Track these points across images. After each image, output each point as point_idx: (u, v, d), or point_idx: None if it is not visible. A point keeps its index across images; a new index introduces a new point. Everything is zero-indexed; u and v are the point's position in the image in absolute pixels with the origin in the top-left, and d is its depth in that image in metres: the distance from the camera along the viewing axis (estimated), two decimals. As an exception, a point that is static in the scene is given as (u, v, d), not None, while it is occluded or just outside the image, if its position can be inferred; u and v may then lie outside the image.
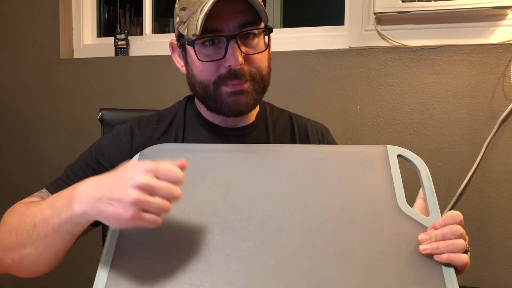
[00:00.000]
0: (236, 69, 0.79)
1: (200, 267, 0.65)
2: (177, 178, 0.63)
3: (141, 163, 0.64)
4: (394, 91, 1.50)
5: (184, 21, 0.81)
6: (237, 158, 0.79)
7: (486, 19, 1.41)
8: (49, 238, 0.69)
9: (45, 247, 0.70)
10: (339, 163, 0.78)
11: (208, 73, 0.82)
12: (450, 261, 0.65)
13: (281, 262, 0.65)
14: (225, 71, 0.80)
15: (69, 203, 0.66)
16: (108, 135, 0.94)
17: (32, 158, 2.09)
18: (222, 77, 0.81)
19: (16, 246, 0.72)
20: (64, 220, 0.67)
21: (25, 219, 0.72)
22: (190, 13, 0.80)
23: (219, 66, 0.81)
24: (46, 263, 0.73)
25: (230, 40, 0.78)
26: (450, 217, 0.67)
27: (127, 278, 0.65)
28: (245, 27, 0.80)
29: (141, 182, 0.61)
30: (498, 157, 1.39)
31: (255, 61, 0.82)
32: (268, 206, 0.72)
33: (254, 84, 0.83)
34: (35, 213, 0.71)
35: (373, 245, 0.67)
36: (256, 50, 0.82)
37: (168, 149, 0.81)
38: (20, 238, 0.71)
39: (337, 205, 0.72)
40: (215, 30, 0.79)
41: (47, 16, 2.01)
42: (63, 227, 0.68)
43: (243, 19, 0.79)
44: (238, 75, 0.80)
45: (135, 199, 0.61)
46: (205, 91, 0.84)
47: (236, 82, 0.81)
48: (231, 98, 0.82)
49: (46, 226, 0.69)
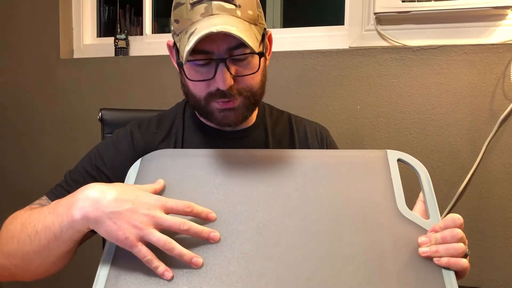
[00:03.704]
0: (225, 90, 0.79)
1: (199, 270, 0.65)
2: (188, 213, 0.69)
3: (154, 197, 0.69)
4: (394, 91, 1.50)
5: (177, 34, 0.80)
6: (237, 162, 0.79)
7: (486, 19, 1.41)
8: (52, 244, 0.69)
9: (48, 252, 0.70)
10: (339, 167, 0.78)
11: (198, 89, 0.82)
12: (449, 266, 0.64)
13: (280, 265, 0.65)
14: (214, 89, 0.80)
15: (69, 210, 0.67)
16: (107, 141, 0.93)
17: (32, 158, 2.09)
18: (212, 94, 0.81)
19: (18, 253, 0.72)
20: (65, 227, 0.67)
21: (27, 226, 0.72)
22: (181, 29, 0.78)
23: (209, 84, 0.80)
24: (50, 267, 0.73)
25: (220, 63, 0.77)
26: (451, 220, 0.67)
27: (126, 279, 0.65)
28: (236, 49, 0.77)
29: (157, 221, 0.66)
30: (498, 157, 1.39)
31: (245, 80, 0.81)
32: (267, 209, 0.72)
33: (244, 101, 0.82)
34: (37, 220, 0.71)
35: (373, 248, 0.67)
36: (247, 71, 0.80)
37: (169, 155, 0.81)
38: (23, 245, 0.71)
39: (336, 209, 0.72)
40: (205, 52, 0.77)
41: (47, 16, 2.01)
42: (65, 233, 0.68)
43: (234, 42, 0.76)
44: (227, 95, 0.80)
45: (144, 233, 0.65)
46: (197, 103, 0.84)
47: (225, 100, 0.81)
48: (220, 114, 0.82)
49: (48, 232, 0.69)
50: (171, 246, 0.65)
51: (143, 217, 0.65)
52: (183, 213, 0.68)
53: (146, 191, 0.70)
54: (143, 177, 0.76)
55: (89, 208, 0.65)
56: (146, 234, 0.65)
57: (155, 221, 0.65)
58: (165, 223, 0.66)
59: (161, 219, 0.66)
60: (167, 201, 0.68)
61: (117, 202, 0.65)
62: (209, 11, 0.76)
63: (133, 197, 0.66)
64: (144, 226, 0.64)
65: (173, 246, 0.65)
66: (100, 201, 0.65)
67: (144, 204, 0.66)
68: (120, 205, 0.65)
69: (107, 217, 0.65)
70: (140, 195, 0.67)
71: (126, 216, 0.65)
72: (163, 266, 0.65)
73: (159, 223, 0.65)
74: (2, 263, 0.74)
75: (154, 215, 0.65)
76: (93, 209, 0.65)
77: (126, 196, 0.66)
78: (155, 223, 0.65)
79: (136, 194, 0.67)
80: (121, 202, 0.65)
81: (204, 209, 0.70)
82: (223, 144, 0.88)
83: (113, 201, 0.65)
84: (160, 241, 0.65)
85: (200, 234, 0.67)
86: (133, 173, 0.79)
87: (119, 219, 0.64)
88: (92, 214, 0.65)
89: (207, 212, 0.70)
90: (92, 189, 0.67)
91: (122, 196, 0.66)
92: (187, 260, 0.65)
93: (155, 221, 0.65)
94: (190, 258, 0.65)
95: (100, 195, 0.66)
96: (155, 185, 0.74)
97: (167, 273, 0.64)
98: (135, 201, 0.66)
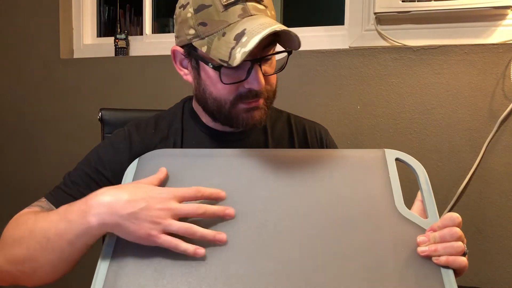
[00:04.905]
0: (258, 90, 0.81)
1: (199, 270, 0.65)
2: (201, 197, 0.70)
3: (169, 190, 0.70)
4: (394, 91, 1.50)
5: (202, 37, 0.78)
6: (237, 162, 0.79)
7: (486, 19, 1.41)
8: (65, 251, 0.70)
9: (60, 259, 0.71)
10: (337, 167, 0.78)
11: (227, 92, 0.82)
12: (448, 264, 0.65)
13: (280, 265, 0.65)
14: (245, 91, 0.81)
15: (84, 217, 0.67)
16: (106, 142, 0.93)
17: (32, 157, 2.09)
18: (242, 96, 0.82)
19: (27, 259, 0.71)
20: (80, 234, 0.68)
21: (36, 233, 0.71)
22: (212, 32, 0.77)
23: (238, 86, 0.81)
24: (59, 272, 0.73)
25: (255, 63, 0.79)
26: (449, 219, 0.67)
27: (125, 278, 0.65)
28: (267, 47, 0.80)
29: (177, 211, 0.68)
30: (498, 157, 1.39)
31: (271, 79, 0.85)
32: (267, 209, 0.72)
33: (267, 101, 0.85)
34: (47, 227, 0.71)
35: (372, 248, 0.67)
36: (273, 69, 0.85)
37: (167, 154, 0.81)
38: (33, 252, 0.71)
39: (335, 208, 0.72)
40: None
41: (47, 16, 2.01)
42: (80, 240, 0.69)
43: (266, 41, 0.76)
44: (258, 95, 0.82)
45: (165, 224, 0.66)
46: (219, 107, 0.84)
47: (253, 100, 0.82)
48: (246, 114, 0.83)
49: (61, 240, 0.69)
50: (193, 231, 0.67)
51: (160, 212, 0.67)
52: (194, 199, 0.70)
53: (153, 184, 0.72)
54: (140, 177, 0.76)
55: (105, 214, 0.66)
56: (166, 226, 0.66)
57: (172, 213, 0.67)
58: (182, 211, 0.68)
59: (177, 209, 0.68)
60: (177, 190, 0.70)
61: (131, 203, 0.67)
62: (247, 12, 0.76)
63: (145, 195, 0.68)
64: (162, 220, 0.66)
65: (195, 230, 0.67)
66: (114, 206, 0.67)
67: (157, 199, 0.67)
68: (134, 206, 0.66)
69: (125, 219, 0.66)
70: (151, 191, 0.69)
71: (143, 215, 0.66)
72: (192, 247, 0.66)
73: (176, 213, 0.67)
74: (6, 269, 0.73)
75: (169, 207, 0.67)
76: (109, 214, 0.66)
77: (138, 195, 0.68)
78: (172, 214, 0.67)
79: (146, 191, 0.69)
80: (135, 203, 0.67)
81: (213, 190, 0.72)
82: (223, 145, 0.88)
83: (127, 202, 0.67)
84: (182, 229, 0.67)
85: (217, 213, 0.70)
86: (130, 173, 0.79)
87: (137, 219, 0.66)
88: (109, 219, 0.66)
89: (217, 192, 0.72)
90: (104, 195, 0.68)
91: (135, 196, 0.67)
92: (211, 239, 0.67)
93: (172, 212, 0.67)
94: (214, 236, 0.68)
95: (113, 199, 0.67)
96: (159, 174, 0.75)
97: (199, 250, 0.66)
98: (147, 199, 0.67)
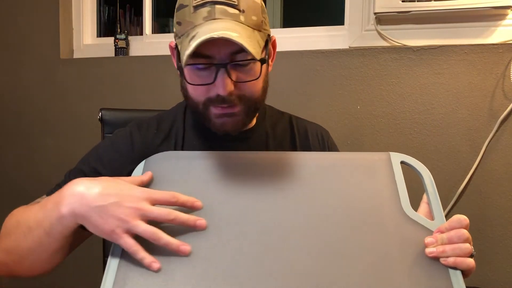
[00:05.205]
0: (225, 96, 0.77)
1: (208, 271, 0.65)
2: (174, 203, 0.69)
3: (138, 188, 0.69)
4: (394, 91, 1.50)
5: (178, 36, 0.80)
6: (242, 165, 0.79)
7: (486, 19, 1.41)
8: (44, 240, 0.70)
9: (41, 248, 0.71)
10: (343, 169, 0.78)
11: (198, 94, 0.81)
12: (456, 265, 0.65)
13: (287, 266, 0.65)
14: (214, 95, 0.78)
15: (57, 206, 0.68)
16: (106, 142, 0.92)
17: (32, 158, 2.09)
18: (211, 100, 0.79)
19: (14, 248, 0.73)
20: (54, 223, 0.68)
21: (21, 223, 0.73)
22: (183, 32, 0.77)
23: (209, 89, 0.79)
24: (45, 262, 0.74)
25: (220, 68, 0.76)
26: (457, 221, 0.67)
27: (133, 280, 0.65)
28: (237, 54, 0.75)
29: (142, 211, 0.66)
30: (498, 157, 1.39)
31: (246, 87, 0.79)
32: (273, 212, 0.72)
33: (245, 108, 0.81)
34: (30, 216, 0.72)
35: (379, 249, 0.67)
36: (248, 77, 0.79)
37: (173, 157, 0.81)
38: (18, 241, 0.72)
39: (342, 210, 0.72)
40: (206, 56, 0.76)
41: (47, 16, 2.01)
42: (55, 229, 0.69)
43: (235, 47, 0.74)
44: (226, 101, 0.78)
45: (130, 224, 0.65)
46: (195, 108, 0.83)
47: (224, 106, 0.79)
48: (218, 119, 0.81)
49: (39, 229, 0.70)
50: (157, 236, 0.65)
51: (129, 210, 0.65)
52: (168, 203, 0.69)
53: (133, 184, 0.71)
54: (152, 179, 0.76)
55: (75, 204, 0.66)
56: (132, 227, 0.65)
57: (141, 213, 0.66)
58: (151, 214, 0.66)
59: (147, 211, 0.66)
60: (153, 192, 0.69)
61: (102, 196, 0.66)
62: (212, 15, 0.75)
63: (118, 191, 0.67)
64: (130, 218, 0.65)
65: (160, 236, 0.65)
66: (85, 197, 0.66)
67: (129, 197, 0.67)
68: (105, 199, 0.66)
69: (94, 211, 0.65)
70: (125, 188, 0.68)
71: (111, 210, 0.65)
72: (149, 258, 0.65)
73: (145, 214, 0.66)
74: (1, 259, 0.75)
75: (139, 207, 0.66)
76: (79, 204, 0.66)
77: (111, 190, 0.67)
78: (141, 215, 0.66)
79: (121, 188, 0.68)
80: (106, 196, 0.66)
81: (189, 198, 0.71)
82: (223, 146, 0.87)
83: (98, 195, 0.66)
84: (147, 232, 0.65)
85: (187, 222, 0.68)
86: (137, 175, 0.79)
87: (105, 213, 0.65)
88: (78, 209, 0.66)
89: (192, 200, 0.71)
90: (78, 185, 0.68)
91: (107, 190, 0.67)
92: (175, 249, 0.66)
93: (141, 213, 0.66)
94: (177, 246, 0.66)
95: (86, 190, 0.67)
96: (143, 177, 0.75)
97: (154, 264, 0.65)
98: (120, 195, 0.67)
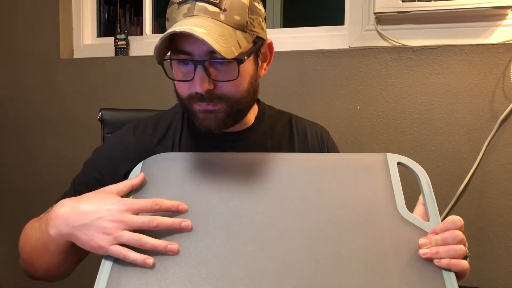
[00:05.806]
0: (202, 93, 0.77)
1: (201, 271, 0.65)
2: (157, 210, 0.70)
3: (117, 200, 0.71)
4: (394, 91, 1.50)
5: None
6: (238, 166, 0.79)
7: (486, 19, 1.41)
8: (45, 255, 0.75)
9: (48, 262, 0.76)
10: (339, 170, 0.78)
11: (181, 90, 0.81)
12: (450, 267, 0.65)
13: (282, 267, 0.65)
14: (194, 92, 0.78)
15: (47, 228, 0.71)
16: (102, 147, 0.95)
17: (32, 158, 2.09)
18: (192, 96, 0.79)
19: (29, 260, 0.80)
20: (47, 242, 0.72)
21: (28, 238, 0.79)
22: (169, 28, 0.77)
23: (191, 86, 0.78)
24: (57, 272, 0.79)
25: (198, 65, 0.75)
26: (451, 222, 0.67)
27: (128, 279, 0.65)
28: (216, 52, 0.72)
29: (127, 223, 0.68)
30: (498, 157, 1.39)
31: (226, 86, 0.78)
32: (269, 212, 0.72)
33: (226, 108, 0.80)
34: (33, 233, 0.78)
35: (373, 250, 0.67)
36: (228, 76, 0.77)
37: (170, 158, 0.81)
38: (30, 254, 0.79)
39: (337, 211, 0.72)
40: (185, 52, 0.76)
41: (47, 16, 2.01)
42: (50, 246, 0.73)
43: None
44: (205, 98, 0.77)
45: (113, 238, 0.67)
46: (182, 103, 0.83)
47: (204, 103, 0.79)
48: (201, 115, 0.80)
49: (40, 245, 0.75)
50: (143, 242, 0.67)
51: (111, 223, 0.67)
52: (151, 211, 0.70)
53: (121, 192, 0.73)
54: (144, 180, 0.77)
55: (61, 225, 0.70)
56: (117, 238, 0.67)
57: (123, 225, 0.68)
58: (134, 224, 0.68)
59: (129, 222, 0.68)
60: (134, 202, 0.70)
61: (85, 214, 0.69)
62: (191, 11, 0.75)
63: (100, 206, 0.69)
64: (113, 231, 0.67)
65: (145, 241, 0.67)
66: (68, 217, 0.69)
67: (110, 211, 0.68)
68: (86, 217, 0.68)
69: (77, 230, 0.68)
70: (107, 203, 0.69)
71: (94, 227, 0.68)
72: (140, 257, 0.66)
73: (129, 225, 0.68)
74: (24, 268, 0.83)
75: (121, 219, 0.68)
76: (65, 225, 0.69)
77: (93, 207, 0.69)
78: (124, 226, 0.68)
79: (103, 203, 0.69)
80: (88, 214, 0.68)
81: (174, 203, 0.71)
82: (221, 146, 0.87)
83: (81, 214, 0.69)
84: (132, 240, 0.67)
85: (172, 226, 0.69)
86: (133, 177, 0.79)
87: (89, 230, 0.68)
88: (64, 230, 0.69)
89: (177, 204, 0.71)
90: (62, 206, 0.71)
91: (89, 208, 0.69)
92: (163, 250, 0.67)
93: (123, 225, 0.68)
94: (165, 247, 0.67)
95: (69, 210, 0.70)
96: (133, 180, 0.75)
97: (147, 260, 0.66)
98: (101, 211, 0.68)
